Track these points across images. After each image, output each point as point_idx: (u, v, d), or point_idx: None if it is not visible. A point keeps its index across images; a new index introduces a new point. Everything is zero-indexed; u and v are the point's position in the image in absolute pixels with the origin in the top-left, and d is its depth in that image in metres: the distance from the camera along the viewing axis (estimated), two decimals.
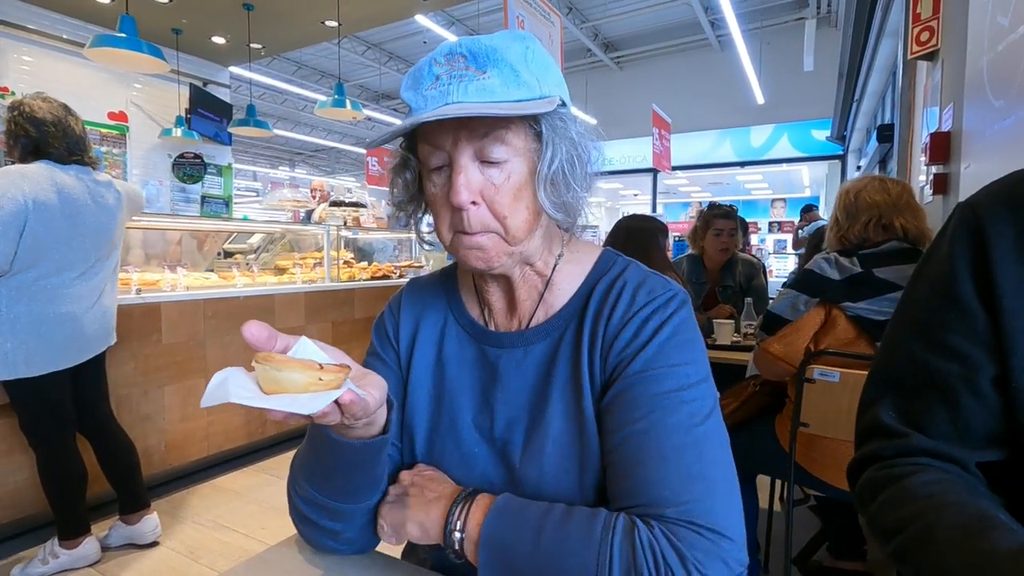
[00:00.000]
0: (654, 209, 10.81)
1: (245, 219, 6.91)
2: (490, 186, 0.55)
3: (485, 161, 0.55)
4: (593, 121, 10.82)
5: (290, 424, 3.15)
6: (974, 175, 1.88)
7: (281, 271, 3.60)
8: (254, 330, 0.45)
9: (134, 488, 2.06)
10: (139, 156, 5.27)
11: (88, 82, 5.02)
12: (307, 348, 0.49)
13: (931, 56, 2.60)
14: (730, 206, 2.63)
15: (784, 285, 1.54)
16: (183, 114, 5.30)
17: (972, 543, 0.41)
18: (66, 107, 1.82)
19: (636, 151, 10.01)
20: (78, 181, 1.80)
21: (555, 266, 0.65)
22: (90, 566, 1.93)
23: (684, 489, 0.50)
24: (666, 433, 0.52)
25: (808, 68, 7.20)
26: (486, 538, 0.52)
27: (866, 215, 1.45)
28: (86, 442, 1.99)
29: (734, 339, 2.16)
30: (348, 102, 4.41)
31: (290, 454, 3.05)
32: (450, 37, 8.16)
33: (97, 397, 2.01)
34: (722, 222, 2.53)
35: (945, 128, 2.27)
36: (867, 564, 1.72)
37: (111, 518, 2.15)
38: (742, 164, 10.24)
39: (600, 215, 18.32)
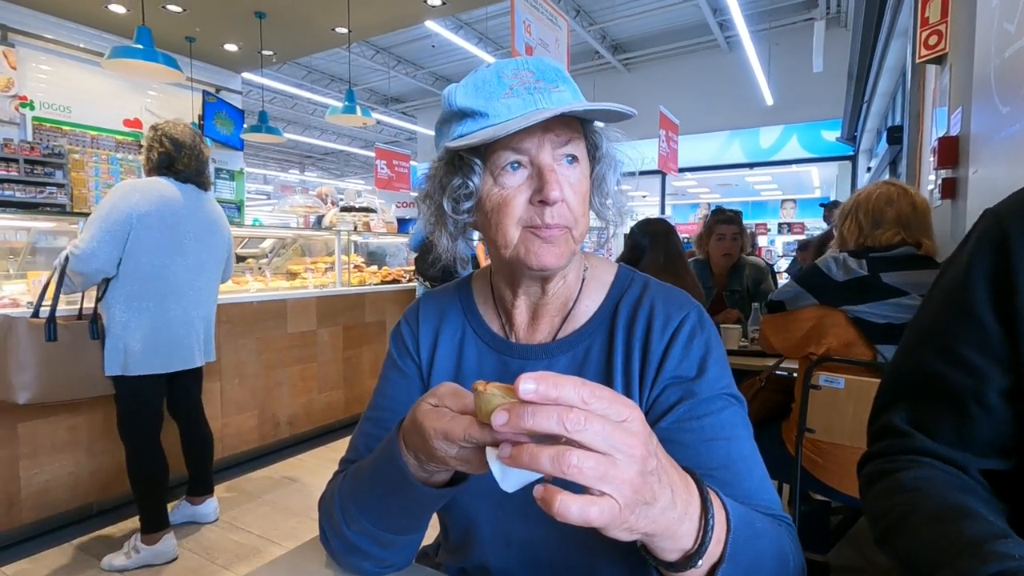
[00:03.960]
0: (663, 211, 10.79)
1: (256, 222, 7.00)
2: (568, 186, 0.59)
3: (564, 161, 0.59)
4: (600, 124, 10.82)
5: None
6: (982, 180, 1.88)
7: (293, 276, 3.65)
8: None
9: (205, 473, 2.32)
10: None
11: (104, 89, 5.12)
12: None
13: (939, 60, 2.60)
14: (733, 211, 2.64)
15: (793, 277, 1.57)
16: (196, 120, 5.38)
17: (941, 528, 0.42)
18: (199, 134, 2.09)
19: (643, 153, 9.98)
20: (188, 198, 2.02)
21: (584, 279, 0.68)
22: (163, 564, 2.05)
23: (770, 486, 0.59)
24: (749, 447, 0.59)
25: (817, 69, 7.16)
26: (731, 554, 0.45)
27: (893, 228, 1.46)
28: (168, 435, 2.17)
29: (741, 344, 2.18)
30: (358, 108, 4.46)
31: (303, 456, 3.12)
32: (458, 41, 8.20)
33: (194, 395, 2.26)
34: (724, 227, 2.55)
35: (954, 132, 2.27)
36: (825, 557, 1.77)
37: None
38: (751, 165, 10.20)
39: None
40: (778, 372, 1.76)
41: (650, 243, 2.09)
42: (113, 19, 4.75)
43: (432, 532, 0.81)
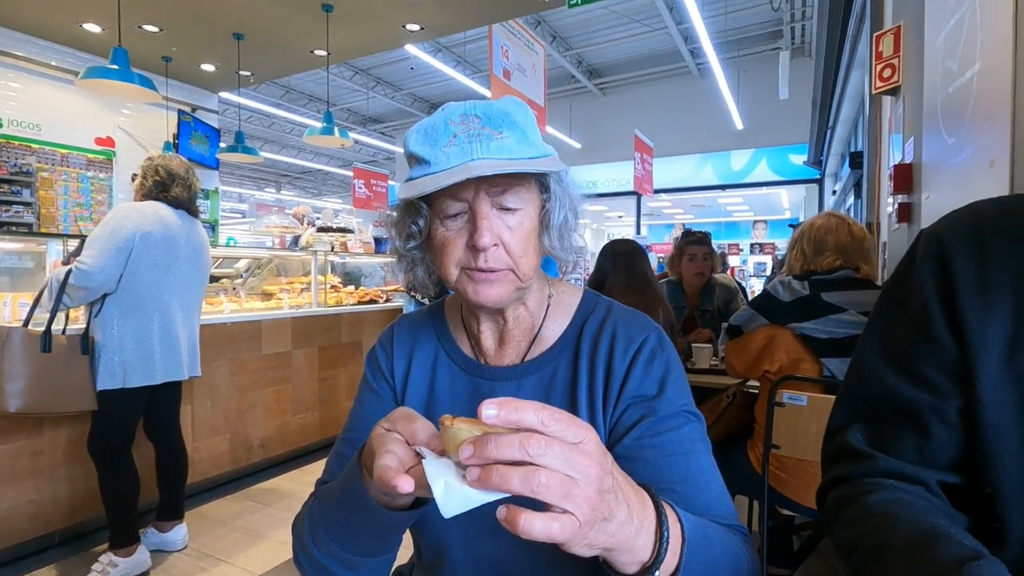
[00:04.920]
0: (638, 231, 10.99)
1: (230, 241, 6.92)
2: (507, 230, 0.62)
3: (502, 208, 0.62)
4: (577, 145, 11.03)
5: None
6: (933, 205, 1.99)
7: (268, 296, 3.61)
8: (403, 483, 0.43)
9: (177, 496, 2.30)
10: (126, 181, 5.28)
11: (76, 108, 5.05)
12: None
13: (894, 91, 2.75)
14: (702, 232, 2.73)
15: (748, 302, 1.70)
16: (171, 140, 5.34)
17: (918, 555, 0.42)
18: (191, 168, 2.25)
19: (620, 174, 10.21)
20: (180, 221, 2.17)
21: (548, 306, 0.72)
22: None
23: (727, 498, 0.63)
24: (707, 461, 0.64)
25: (783, 96, 7.46)
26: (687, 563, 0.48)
27: (833, 255, 1.61)
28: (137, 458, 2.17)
29: (712, 363, 2.23)
30: (336, 130, 4.49)
31: (275, 480, 3.06)
32: (436, 64, 8.32)
33: (174, 411, 2.30)
34: (695, 248, 2.64)
35: (908, 160, 2.40)
36: (791, 571, 1.84)
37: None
38: (723, 187, 10.48)
39: (587, 237, 18.55)
40: (745, 390, 1.82)
41: (612, 265, 2.15)
42: (88, 38, 4.71)
43: (407, 552, 0.83)
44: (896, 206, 2.44)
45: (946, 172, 1.87)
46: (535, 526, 0.36)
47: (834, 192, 7.65)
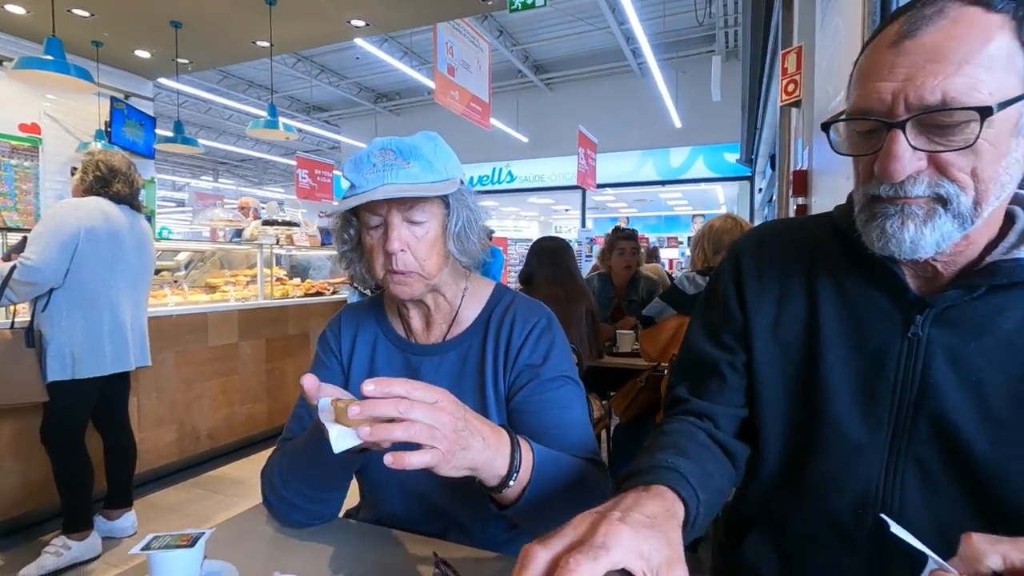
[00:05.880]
0: (583, 224, 11.32)
1: (163, 232, 6.69)
2: (414, 239, 0.79)
3: (410, 221, 0.79)
4: (524, 139, 11.24)
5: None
6: (818, 209, 2.31)
7: (212, 289, 3.63)
8: (308, 382, 0.63)
9: (126, 485, 2.36)
10: (54, 171, 5.06)
11: None
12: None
13: (796, 104, 3.08)
14: (631, 229, 2.99)
15: (659, 295, 1.93)
16: (103, 128, 5.15)
17: (651, 453, 0.62)
18: (133, 165, 2.30)
19: (566, 168, 10.48)
20: (123, 215, 2.22)
21: (463, 296, 0.90)
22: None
23: (590, 439, 0.84)
24: (578, 413, 0.85)
25: (716, 99, 7.88)
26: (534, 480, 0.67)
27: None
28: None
29: (634, 347, 2.49)
30: (281, 123, 4.49)
31: (223, 468, 3.14)
32: (382, 55, 8.30)
33: (123, 401, 2.37)
34: (624, 243, 2.89)
35: (804, 166, 2.72)
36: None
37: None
38: (663, 183, 10.95)
39: (534, 229, 18.83)
40: (656, 373, 2.07)
41: (539, 260, 2.36)
42: (11, 20, 4.49)
43: (354, 500, 1.00)
44: (795, 207, 2.77)
45: (826, 179, 2.18)
46: (413, 460, 0.55)
47: (760, 190, 8.20)
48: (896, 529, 0.46)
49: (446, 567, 0.66)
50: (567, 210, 16.06)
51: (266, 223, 3.92)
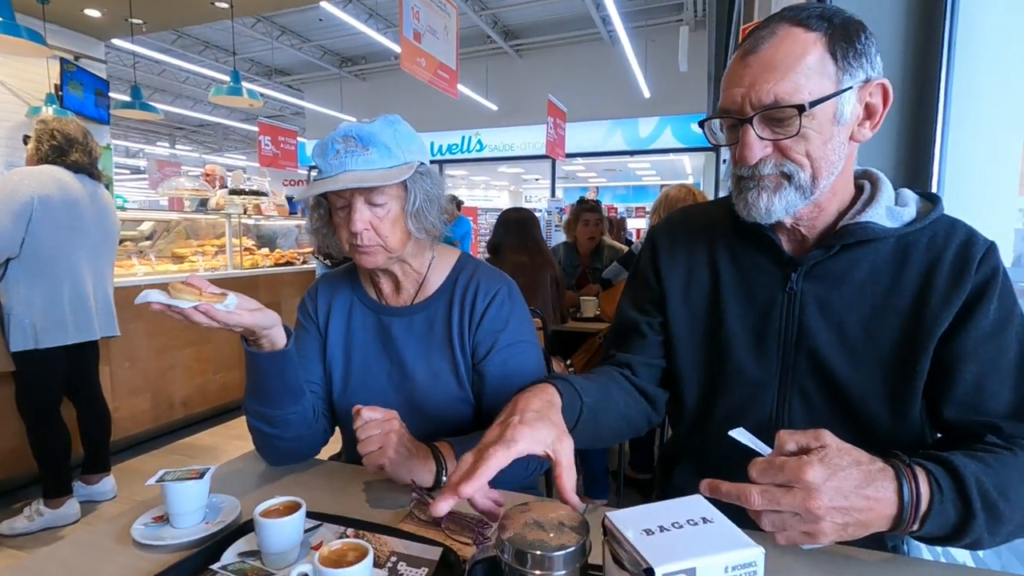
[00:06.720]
0: (553, 193, 11.40)
1: (121, 200, 6.51)
2: (375, 219, 0.89)
3: (371, 203, 0.88)
4: (494, 108, 11.14)
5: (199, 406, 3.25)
6: None
7: (180, 259, 3.61)
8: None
9: (103, 451, 2.41)
10: (3, 136, 4.86)
11: None
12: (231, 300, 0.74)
13: None
14: (595, 201, 3.10)
15: (616, 259, 2.09)
16: (54, 91, 4.94)
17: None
18: (89, 133, 2.26)
19: (537, 137, 10.46)
20: (81, 184, 2.18)
21: (429, 264, 1.01)
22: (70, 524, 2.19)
23: None
24: (533, 370, 0.98)
25: (683, 69, 7.97)
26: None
27: None
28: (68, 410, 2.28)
29: (596, 312, 2.63)
30: (245, 89, 4.40)
31: (199, 435, 3.20)
32: (346, 17, 8.05)
33: (92, 370, 2.38)
34: (588, 214, 3.01)
35: None
36: (652, 477, 2.31)
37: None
38: (632, 153, 11.06)
39: (504, 199, 18.80)
40: None
41: (505, 231, 2.46)
42: None
43: (336, 447, 1.11)
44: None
45: None
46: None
47: (724, 161, 8.39)
48: (735, 433, 0.60)
49: (422, 491, 0.78)
50: (537, 179, 16.08)
51: (233, 192, 3.89)
